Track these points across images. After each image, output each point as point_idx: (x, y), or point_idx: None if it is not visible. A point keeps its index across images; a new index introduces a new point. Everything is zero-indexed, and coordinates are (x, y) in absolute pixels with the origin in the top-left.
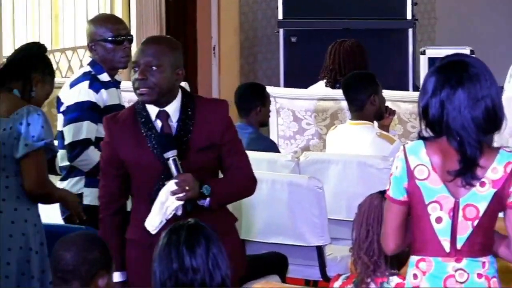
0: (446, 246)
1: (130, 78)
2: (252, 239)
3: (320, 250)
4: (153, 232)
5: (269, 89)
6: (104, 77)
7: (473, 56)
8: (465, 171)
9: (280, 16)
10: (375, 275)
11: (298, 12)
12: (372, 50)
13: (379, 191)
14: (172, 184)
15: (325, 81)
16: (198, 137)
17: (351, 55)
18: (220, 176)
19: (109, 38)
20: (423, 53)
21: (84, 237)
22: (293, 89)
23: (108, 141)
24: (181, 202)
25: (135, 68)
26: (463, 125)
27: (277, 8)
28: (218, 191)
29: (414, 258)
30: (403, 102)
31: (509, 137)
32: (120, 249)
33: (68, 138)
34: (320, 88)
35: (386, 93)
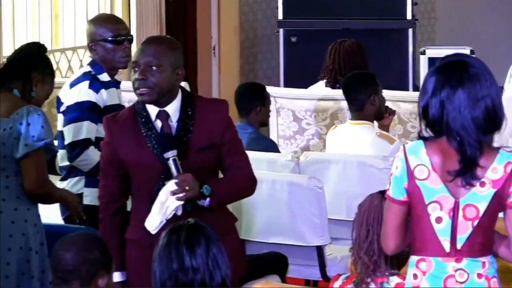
0: (446, 246)
1: (130, 78)
2: (252, 239)
3: (320, 250)
4: (153, 232)
5: (269, 89)
6: (104, 77)
7: (473, 56)
8: (465, 171)
9: (280, 16)
10: (375, 275)
11: (298, 12)
12: (372, 50)
13: (379, 191)
14: (172, 184)
15: (325, 81)
16: (198, 137)
17: (351, 55)
18: (220, 176)
19: (109, 38)
20: (423, 53)
21: (84, 237)
22: (293, 89)
23: (108, 141)
24: (181, 202)
25: (135, 68)
26: (463, 125)
27: (277, 8)
28: (218, 191)
29: (414, 258)
30: (403, 102)
31: (509, 137)
32: (120, 249)
33: (68, 138)
34: (320, 88)
35: (386, 93)
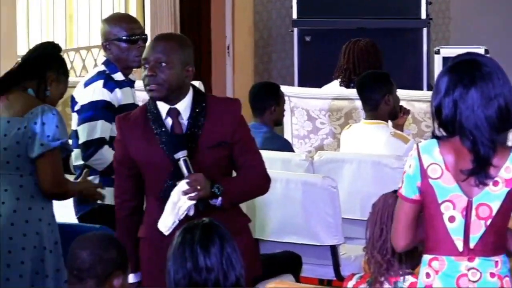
0: (459, 245)
1: None
2: (266, 239)
3: (334, 250)
4: (166, 233)
5: (283, 88)
6: (118, 76)
7: (485, 55)
8: (479, 170)
9: (295, 16)
10: (389, 274)
11: (313, 11)
12: (386, 49)
13: (393, 190)
14: (183, 184)
15: (339, 80)
16: (209, 134)
17: (365, 55)
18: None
19: (124, 38)
20: (438, 52)
21: (101, 237)
22: (307, 89)
23: (119, 139)
24: (193, 202)
25: (145, 65)
26: (476, 124)
27: (292, 8)
28: (230, 190)
29: (427, 257)
30: (418, 102)
31: None
32: (135, 250)
33: (83, 137)
34: (334, 87)
35: (400, 93)
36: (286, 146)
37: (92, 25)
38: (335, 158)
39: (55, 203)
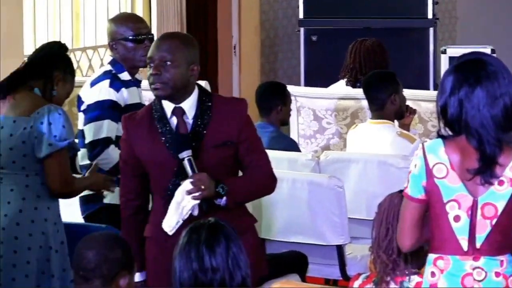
0: (464, 245)
1: None
2: (272, 238)
3: (340, 249)
4: (170, 233)
5: (289, 88)
6: (125, 76)
7: (490, 54)
8: (484, 169)
9: (301, 15)
10: (395, 274)
11: (319, 11)
12: (392, 49)
13: (399, 190)
14: (187, 184)
15: (345, 80)
16: (214, 134)
17: (371, 54)
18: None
19: (130, 37)
20: (444, 52)
21: (107, 237)
22: (313, 88)
23: (124, 138)
24: (197, 202)
25: (150, 63)
26: (482, 123)
27: (298, 7)
28: (234, 190)
29: (432, 256)
30: (424, 101)
31: None
32: (140, 249)
33: (89, 137)
34: (340, 87)
35: (406, 92)
36: (293, 146)
37: (98, 24)
38: (341, 158)
39: (61, 202)
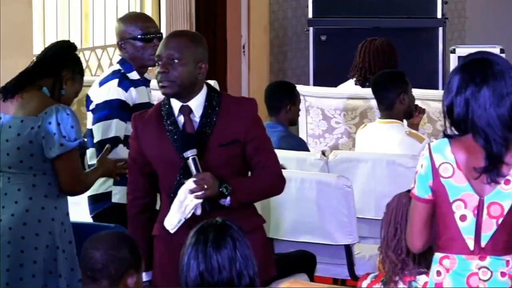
0: (470, 244)
1: None
2: (280, 238)
3: (348, 249)
4: (171, 231)
5: (298, 87)
6: (134, 75)
7: (496, 53)
8: (491, 168)
9: (310, 15)
10: (403, 274)
11: (328, 10)
12: (402, 48)
13: (407, 190)
14: (190, 183)
15: (354, 79)
16: (221, 132)
17: (381, 54)
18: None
19: (139, 36)
20: (453, 51)
21: (114, 236)
22: (322, 88)
23: (133, 137)
24: (200, 201)
25: (158, 62)
26: (489, 123)
27: (307, 7)
28: (238, 190)
29: (438, 255)
30: (433, 101)
31: None
32: (146, 248)
33: (97, 136)
34: (349, 86)
35: (416, 92)
36: (301, 145)
37: (107, 24)
38: (350, 158)
39: (70, 202)
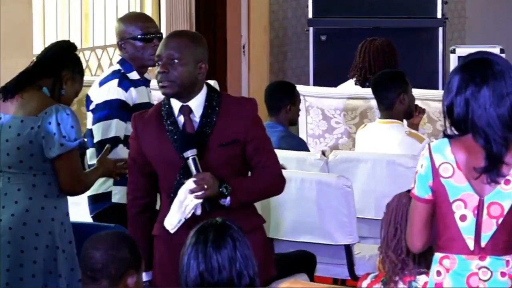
0: (470, 244)
1: None
2: (280, 238)
3: (348, 249)
4: (171, 231)
5: (298, 87)
6: (134, 75)
7: (496, 53)
8: (491, 168)
9: (310, 15)
10: (403, 274)
11: (328, 10)
12: (402, 48)
13: (407, 190)
14: (190, 183)
15: (354, 79)
16: (220, 133)
17: (381, 54)
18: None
19: (139, 36)
20: (453, 51)
21: (114, 236)
22: (322, 88)
23: (134, 136)
24: (200, 201)
25: (158, 61)
26: (489, 123)
27: (307, 7)
28: (238, 190)
29: (438, 255)
30: (433, 101)
31: None
32: (146, 248)
33: (97, 136)
34: (349, 86)
35: (416, 92)
36: (301, 145)
37: (107, 24)
38: (350, 158)
39: (70, 202)
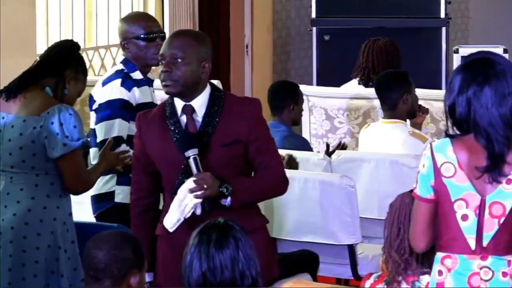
0: (472, 244)
1: None
2: (283, 238)
3: (351, 249)
4: (170, 230)
5: (301, 87)
6: (137, 75)
7: (498, 53)
8: (493, 167)
9: (313, 15)
10: (406, 274)
11: (331, 10)
12: (405, 48)
13: (410, 190)
14: (190, 182)
15: (358, 79)
16: (223, 132)
17: (384, 54)
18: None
19: (142, 36)
20: (456, 51)
21: (117, 236)
22: (325, 88)
23: (137, 136)
24: (199, 201)
25: (162, 61)
26: (491, 122)
27: (311, 7)
28: (239, 190)
29: (440, 255)
30: (436, 101)
31: None
32: (149, 248)
33: (100, 136)
34: (352, 86)
35: (419, 92)
36: (305, 145)
37: (111, 24)
38: (353, 157)
39: (73, 201)
